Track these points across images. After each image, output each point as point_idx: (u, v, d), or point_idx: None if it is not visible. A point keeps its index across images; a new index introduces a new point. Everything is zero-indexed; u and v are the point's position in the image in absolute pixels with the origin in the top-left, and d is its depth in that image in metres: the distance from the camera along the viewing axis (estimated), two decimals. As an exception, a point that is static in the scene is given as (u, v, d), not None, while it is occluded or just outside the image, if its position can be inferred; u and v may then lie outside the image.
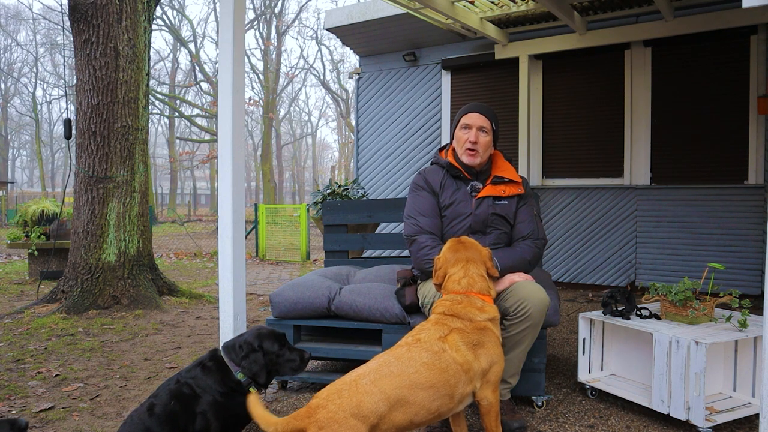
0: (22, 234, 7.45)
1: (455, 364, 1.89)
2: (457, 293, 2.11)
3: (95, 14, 5.13)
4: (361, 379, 1.74)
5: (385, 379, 1.75)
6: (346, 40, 7.22)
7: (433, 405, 1.82)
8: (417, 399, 1.78)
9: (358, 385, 1.72)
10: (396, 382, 1.76)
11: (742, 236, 5.17)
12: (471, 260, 2.17)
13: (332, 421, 1.62)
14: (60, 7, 25.99)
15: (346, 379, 1.76)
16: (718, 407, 2.42)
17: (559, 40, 5.73)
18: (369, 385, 1.72)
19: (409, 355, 1.86)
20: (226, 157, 2.69)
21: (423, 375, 1.82)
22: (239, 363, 2.06)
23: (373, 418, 1.67)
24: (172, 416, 1.93)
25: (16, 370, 3.43)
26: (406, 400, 1.76)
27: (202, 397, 1.98)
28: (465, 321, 2.00)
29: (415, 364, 1.83)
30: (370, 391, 1.70)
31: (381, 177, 7.33)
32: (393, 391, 1.74)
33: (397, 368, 1.81)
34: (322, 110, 49.40)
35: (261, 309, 5.35)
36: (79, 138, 5.28)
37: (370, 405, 1.68)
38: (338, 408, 1.64)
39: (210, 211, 33.02)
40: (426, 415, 1.81)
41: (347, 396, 1.68)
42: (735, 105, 5.23)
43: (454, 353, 1.91)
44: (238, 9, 2.69)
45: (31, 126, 38.85)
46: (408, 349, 1.89)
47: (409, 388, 1.77)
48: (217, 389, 2.01)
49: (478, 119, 2.57)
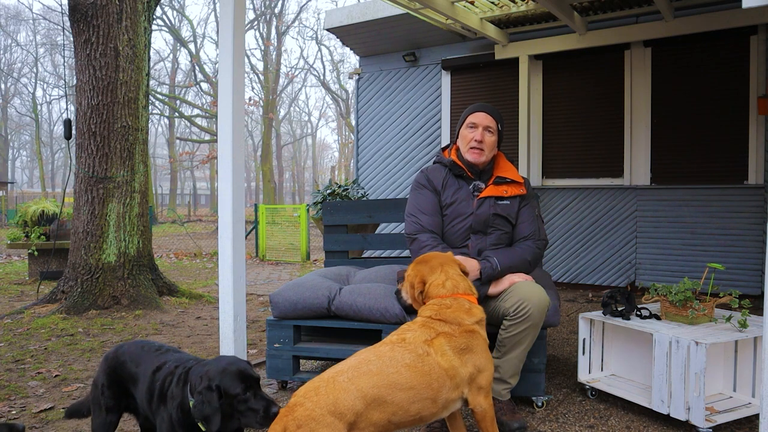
0: (22, 234, 7.45)
1: (439, 369, 1.84)
2: (443, 296, 2.04)
3: (95, 14, 5.13)
4: (339, 376, 1.72)
5: (363, 377, 1.73)
6: (346, 40, 7.22)
7: (413, 407, 1.78)
8: (395, 399, 1.75)
9: (336, 382, 1.69)
10: (374, 381, 1.73)
11: (742, 236, 5.17)
12: (445, 263, 2.14)
13: (309, 419, 1.60)
14: (60, 7, 25.99)
15: (324, 377, 1.73)
16: (718, 407, 2.42)
17: (559, 41, 5.73)
18: (346, 382, 1.70)
19: (390, 354, 1.83)
20: (226, 157, 2.69)
21: (403, 376, 1.78)
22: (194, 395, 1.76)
23: (350, 415, 1.65)
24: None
25: (16, 370, 3.43)
26: (383, 400, 1.72)
27: (168, 404, 1.84)
28: (453, 325, 1.95)
29: (396, 365, 1.80)
30: (347, 388, 1.68)
31: (381, 177, 7.32)
32: (370, 389, 1.71)
33: (376, 367, 1.78)
34: (322, 110, 49.46)
35: (261, 309, 5.35)
36: (79, 138, 5.28)
37: (347, 402, 1.66)
38: (315, 405, 1.63)
39: (210, 211, 33.03)
40: (405, 416, 1.78)
41: (324, 393, 1.66)
42: (735, 105, 5.23)
43: (439, 357, 1.86)
44: (238, 9, 2.68)
45: (31, 126, 38.85)
46: (391, 348, 1.86)
47: (388, 387, 1.74)
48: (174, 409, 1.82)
49: (485, 119, 2.58)
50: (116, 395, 2.00)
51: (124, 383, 1.99)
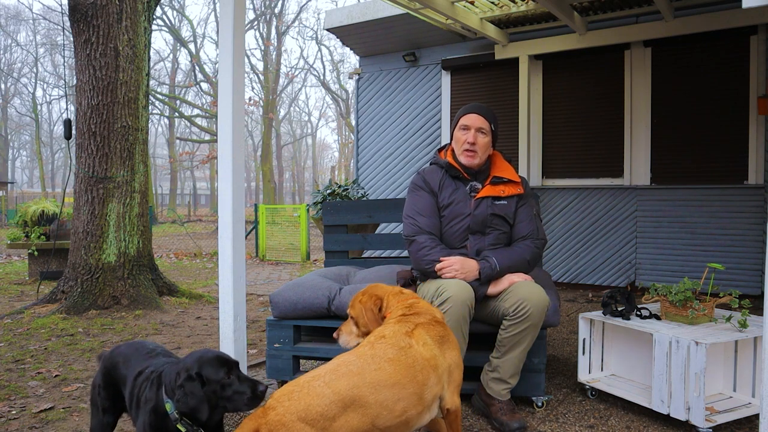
0: (22, 234, 7.46)
1: (423, 360, 1.80)
2: (406, 299, 2.07)
3: (95, 14, 5.13)
4: (315, 381, 1.66)
5: (341, 379, 1.66)
6: (346, 40, 7.22)
7: (398, 406, 1.70)
8: (378, 398, 1.67)
9: (311, 387, 1.64)
10: (353, 381, 1.66)
11: (742, 236, 5.17)
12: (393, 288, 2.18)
13: (280, 424, 1.56)
14: (60, 7, 25.99)
15: (300, 381, 1.67)
16: (718, 407, 2.42)
17: (559, 41, 5.73)
18: (322, 387, 1.64)
19: (371, 353, 1.78)
20: (226, 157, 2.69)
21: (386, 372, 1.72)
22: (171, 395, 1.70)
23: (323, 421, 1.59)
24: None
25: (16, 370, 3.43)
26: (364, 400, 1.65)
27: (142, 409, 1.80)
28: (428, 316, 1.96)
29: (378, 361, 1.74)
30: (321, 393, 1.62)
31: (381, 177, 7.33)
32: (348, 391, 1.64)
33: (356, 367, 1.71)
34: (322, 110, 49.47)
35: (261, 309, 5.35)
36: (79, 138, 5.28)
37: (319, 408, 1.59)
38: (286, 410, 1.58)
39: (210, 211, 33.03)
40: (389, 417, 1.68)
41: (297, 399, 1.60)
42: (735, 105, 5.23)
43: (421, 348, 1.83)
44: (238, 9, 2.68)
45: (31, 126, 38.86)
46: (371, 347, 1.81)
47: (370, 386, 1.67)
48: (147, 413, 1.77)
49: (477, 120, 2.56)
50: (111, 396, 1.99)
51: (118, 385, 1.98)
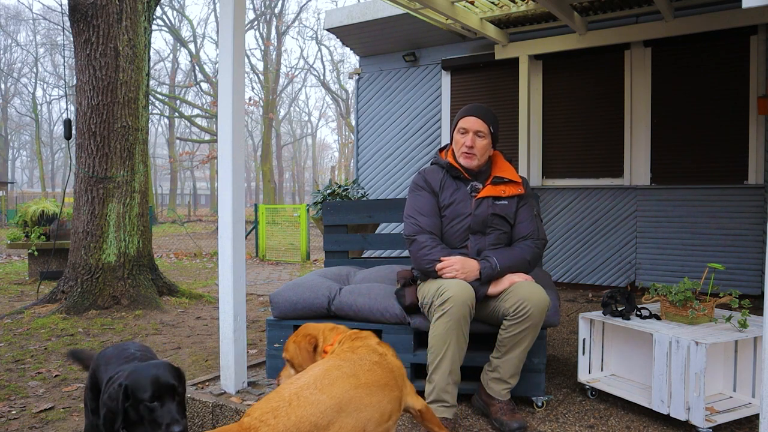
0: (22, 234, 7.46)
1: (397, 367, 1.84)
2: (345, 331, 2.06)
3: (95, 14, 5.13)
4: (305, 390, 1.55)
5: (337, 383, 1.59)
6: (346, 40, 7.22)
7: (387, 408, 1.69)
8: (372, 400, 1.64)
9: (301, 398, 1.52)
10: (350, 383, 1.61)
11: (742, 236, 5.17)
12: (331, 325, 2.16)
13: None
14: (60, 7, 25.99)
15: (284, 395, 1.54)
16: (718, 407, 2.42)
17: (559, 41, 5.73)
18: (316, 394, 1.54)
19: (356, 357, 1.75)
20: (226, 157, 2.69)
21: (377, 373, 1.70)
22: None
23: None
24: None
25: (16, 370, 3.43)
26: (360, 402, 1.60)
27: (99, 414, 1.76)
28: (375, 338, 1.98)
29: (367, 363, 1.73)
30: (316, 401, 1.52)
31: (381, 177, 7.32)
32: (346, 393, 1.58)
33: (349, 369, 1.67)
34: (322, 110, 49.50)
35: (261, 309, 5.35)
36: (79, 138, 5.28)
37: (313, 418, 1.49)
38: (273, 430, 1.45)
39: (210, 211, 33.03)
40: (380, 420, 1.65)
41: (285, 414, 1.48)
42: (735, 105, 5.23)
43: (392, 357, 1.88)
44: (238, 9, 2.69)
45: (31, 126, 38.85)
46: (353, 351, 1.80)
47: (365, 387, 1.64)
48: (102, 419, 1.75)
49: (475, 123, 2.55)
50: (97, 398, 1.97)
51: (100, 386, 1.96)
